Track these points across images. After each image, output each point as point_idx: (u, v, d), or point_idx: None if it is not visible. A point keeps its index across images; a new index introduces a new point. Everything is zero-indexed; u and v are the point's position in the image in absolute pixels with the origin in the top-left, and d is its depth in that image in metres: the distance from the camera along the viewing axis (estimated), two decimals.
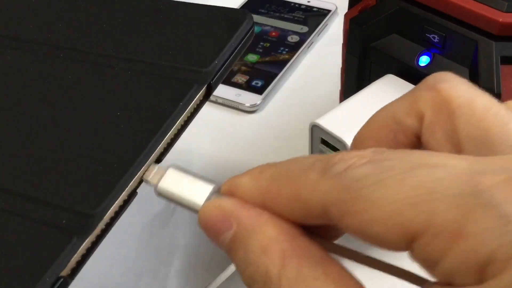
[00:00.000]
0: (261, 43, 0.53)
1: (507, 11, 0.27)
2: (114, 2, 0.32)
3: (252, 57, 0.51)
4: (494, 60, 0.28)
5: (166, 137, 0.24)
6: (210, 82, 0.25)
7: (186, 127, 0.25)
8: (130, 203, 0.23)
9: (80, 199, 0.22)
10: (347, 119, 0.30)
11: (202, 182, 0.21)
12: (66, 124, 0.25)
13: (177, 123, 0.24)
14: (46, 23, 0.31)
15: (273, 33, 0.54)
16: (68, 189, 0.22)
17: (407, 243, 0.15)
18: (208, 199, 0.20)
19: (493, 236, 0.14)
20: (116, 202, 0.22)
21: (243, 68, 0.50)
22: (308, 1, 0.58)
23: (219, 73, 0.26)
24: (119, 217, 0.22)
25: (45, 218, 0.21)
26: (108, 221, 0.22)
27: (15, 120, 0.26)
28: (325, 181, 0.16)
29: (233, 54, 0.27)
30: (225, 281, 0.30)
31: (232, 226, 0.18)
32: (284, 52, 0.51)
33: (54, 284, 0.20)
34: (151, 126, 0.23)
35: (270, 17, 0.56)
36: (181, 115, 0.24)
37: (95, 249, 0.21)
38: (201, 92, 0.25)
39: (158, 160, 0.24)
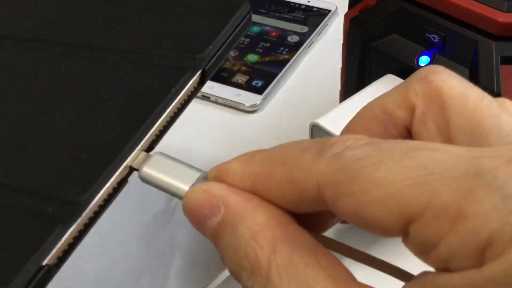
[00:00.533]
0: (261, 43, 0.53)
1: (507, 11, 0.27)
2: None
3: (252, 57, 0.51)
4: (494, 60, 0.28)
5: (158, 124, 0.23)
6: (204, 68, 0.25)
7: (180, 115, 0.24)
8: (120, 191, 0.22)
9: (66, 187, 0.21)
10: (347, 119, 0.30)
11: (189, 168, 0.20)
12: (55, 113, 0.25)
13: (169, 109, 0.24)
14: (41, 17, 0.31)
15: (273, 33, 0.54)
16: (54, 177, 0.22)
17: (403, 227, 0.15)
18: (195, 185, 0.19)
19: (495, 217, 0.13)
20: (104, 189, 0.21)
21: (243, 68, 0.50)
22: (308, 1, 0.58)
23: (213, 59, 0.26)
24: (108, 205, 0.22)
25: (30, 206, 0.21)
26: (96, 209, 0.21)
27: (2, 109, 0.26)
28: (321, 161, 0.16)
29: (229, 40, 0.27)
30: (225, 281, 0.30)
31: (220, 211, 0.17)
32: (284, 52, 0.51)
33: (37, 272, 0.19)
34: (141, 113, 0.23)
35: (270, 17, 0.56)
36: (173, 101, 0.24)
37: (83, 238, 0.21)
38: (194, 78, 0.25)
39: (150, 149, 0.23)
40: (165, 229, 0.37)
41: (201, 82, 0.25)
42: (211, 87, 0.48)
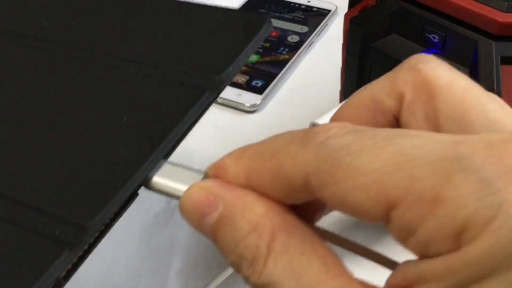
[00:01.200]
0: (261, 43, 0.53)
1: (507, 11, 0.27)
2: (131, 3, 0.31)
3: (252, 57, 0.51)
4: (494, 60, 0.28)
5: (172, 145, 0.23)
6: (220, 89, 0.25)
7: (190, 130, 0.24)
8: (125, 211, 0.22)
9: (76, 209, 0.21)
10: None
11: (188, 171, 0.21)
12: (70, 126, 0.24)
13: (183, 130, 0.23)
14: (61, 21, 0.31)
15: (273, 33, 0.54)
16: (65, 196, 0.21)
17: (386, 212, 0.15)
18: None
19: (471, 200, 0.14)
20: (113, 212, 0.21)
21: (243, 68, 0.50)
22: (308, 1, 0.58)
23: (231, 79, 0.25)
24: (115, 223, 0.21)
25: (38, 226, 0.20)
26: (102, 228, 0.21)
27: (18, 120, 0.26)
28: (306, 151, 0.16)
29: (245, 60, 0.26)
30: (225, 281, 0.30)
31: (218, 207, 0.18)
32: (284, 52, 0.51)
33: None
34: (157, 134, 0.23)
35: (270, 17, 0.56)
36: (189, 123, 0.24)
37: (87, 257, 0.20)
38: (212, 99, 0.25)
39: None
40: (165, 229, 0.37)
41: (213, 100, 0.25)
42: None
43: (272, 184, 0.17)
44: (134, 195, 0.21)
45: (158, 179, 0.21)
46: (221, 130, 0.45)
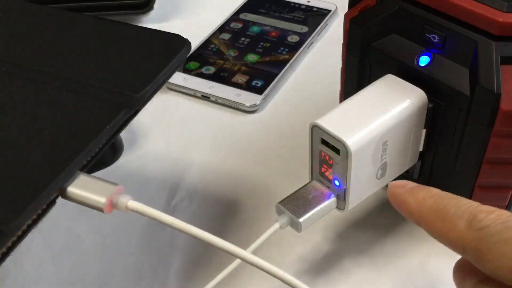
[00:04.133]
0: (261, 43, 0.53)
1: (507, 11, 0.27)
2: (58, 20, 0.33)
3: (252, 57, 0.51)
4: (494, 60, 0.28)
5: (88, 156, 0.25)
6: (138, 108, 0.27)
7: (107, 145, 0.26)
8: (44, 216, 0.23)
9: None
10: (347, 119, 0.30)
11: (103, 182, 0.24)
12: None
13: (100, 144, 0.25)
14: None
15: (273, 33, 0.54)
16: None
17: None
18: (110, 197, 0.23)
19: None
20: (32, 216, 0.22)
21: (243, 68, 0.50)
22: (308, 1, 0.58)
23: (148, 98, 0.27)
24: (33, 228, 0.23)
25: None
26: (21, 233, 0.22)
27: None
28: (470, 232, 0.23)
29: (164, 80, 0.28)
30: (224, 281, 0.30)
31: None
32: (284, 52, 0.51)
33: None
34: (75, 146, 0.24)
35: (270, 17, 0.56)
36: (105, 137, 0.25)
37: (4, 260, 0.22)
38: (128, 116, 0.27)
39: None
40: (165, 229, 0.37)
41: (132, 117, 0.27)
42: (211, 87, 0.48)
43: (435, 236, 0.24)
44: (51, 203, 0.23)
45: (73, 190, 0.24)
46: (221, 130, 0.45)
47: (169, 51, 0.29)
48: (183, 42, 0.29)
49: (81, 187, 0.24)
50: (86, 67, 0.29)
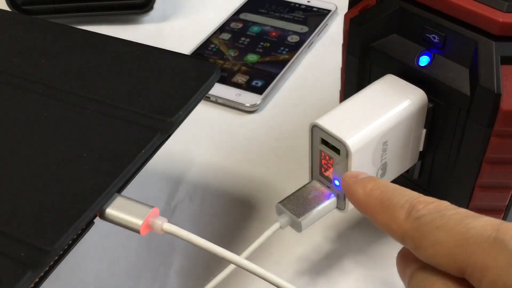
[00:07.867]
0: (261, 43, 0.53)
1: (507, 11, 0.27)
2: (93, 44, 0.34)
3: (252, 57, 0.51)
4: (494, 60, 0.28)
5: (125, 179, 0.26)
6: (171, 131, 0.28)
7: (143, 167, 0.27)
8: (82, 237, 0.24)
9: (39, 235, 0.23)
10: (347, 119, 0.30)
11: (139, 204, 0.25)
12: (36, 160, 0.27)
13: (136, 167, 0.26)
14: (29, 59, 0.33)
15: (273, 33, 0.54)
16: (29, 223, 0.24)
17: (459, 273, 0.21)
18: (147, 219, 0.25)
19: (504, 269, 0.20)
20: (72, 237, 0.23)
21: (243, 68, 0.50)
22: (308, 1, 0.58)
23: (180, 122, 0.28)
24: (73, 247, 0.24)
25: (5, 249, 0.23)
26: (61, 252, 0.23)
27: None
28: (408, 221, 0.23)
29: (195, 104, 0.29)
30: (225, 281, 0.30)
31: None
32: (284, 52, 0.51)
33: None
34: (113, 169, 0.26)
35: (270, 17, 0.56)
36: (141, 161, 0.26)
37: (47, 277, 0.23)
38: (162, 140, 0.27)
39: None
40: None
41: (164, 141, 0.28)
42: None
43: (378, 224, 0.25)
44: (90, 224, 0.24)
45: (111, 211, 0.25)
46: (221, 130, 0.45)
47: (200, 77, 0.30)
48: (213, 68, 0.31)
49: (119, 208, 0.25)
50: (122, 92, 0.30)
